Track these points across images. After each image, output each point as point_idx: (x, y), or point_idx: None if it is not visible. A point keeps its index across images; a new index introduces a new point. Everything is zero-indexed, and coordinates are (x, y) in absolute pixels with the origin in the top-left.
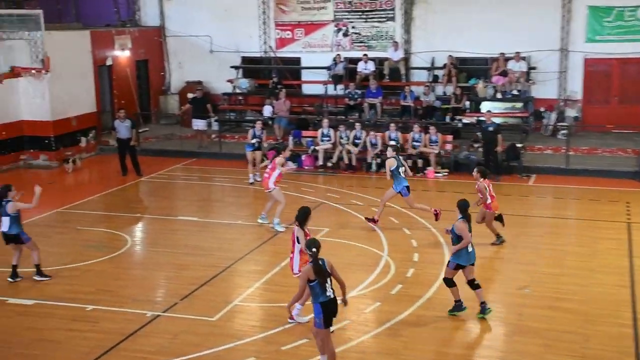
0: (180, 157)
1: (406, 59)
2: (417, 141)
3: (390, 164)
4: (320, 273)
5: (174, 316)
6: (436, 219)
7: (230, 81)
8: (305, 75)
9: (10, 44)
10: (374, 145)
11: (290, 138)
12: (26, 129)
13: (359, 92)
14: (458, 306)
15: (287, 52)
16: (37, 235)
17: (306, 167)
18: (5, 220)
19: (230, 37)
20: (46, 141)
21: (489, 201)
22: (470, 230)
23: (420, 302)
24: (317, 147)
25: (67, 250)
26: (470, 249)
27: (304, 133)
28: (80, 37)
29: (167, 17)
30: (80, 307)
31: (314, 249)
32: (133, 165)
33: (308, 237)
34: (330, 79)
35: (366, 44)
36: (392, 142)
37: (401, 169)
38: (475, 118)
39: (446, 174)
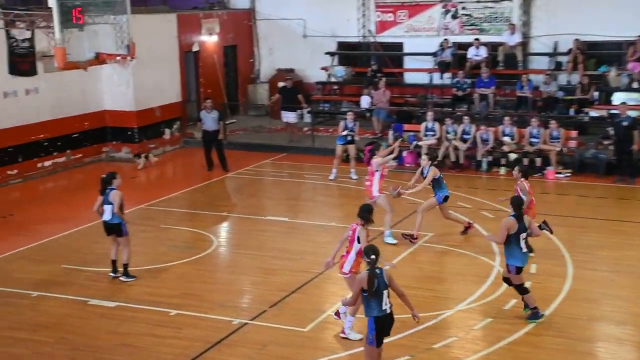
0: (269, 151)
1: (524, 44)
2: (535, 137)
3: (435, 172)
4: (375, 283)
5: (262, 325)
6: (464, 232)
7: (324, 69)
8: (408, 62)
9: (95, 29)
10: (485, 141)
11: (390, 132)
12: (109, 120)
13: (469, 81)
14: (535, 314)
15: (388, 37)
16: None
17: (407, 165)
18: (108, 209)
19: (326, 21)
20: (129, 133)
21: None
22: (524, 230)
23: (539, 320)
24: (419, 143)
25: (150, 249)
26: (524, 249)
27: (406, 127)
28: (166, 21)
29: None
30: (164, 311)
31: (372, 256)
32: (219, 160)
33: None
34: (436, 67)
35: (478, 27)
36: (424, 151)
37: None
38: (606, 111)
39: (569, 174)
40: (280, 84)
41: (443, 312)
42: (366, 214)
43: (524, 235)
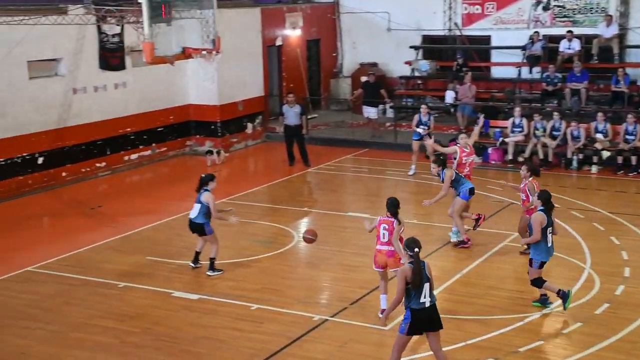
0: (350, 146)
1: (621, 36)
2: (630, 134)
3: (451, 174)
4: (419, 276)
5: (342, 322)
6: (474, 227)
7: (408, 63)
8: (496, 56)
9: (182, 24)
10: (575, 138)
11: (475, 128)
12: (193, 114)
13: (560, 75)
14: (543, 300)
15: (474, 30)
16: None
17: (493, 162)
18: (196, 208)
19: (411, 14)
20: (212, 127)
21: (532, 205)
22: (550, 224)
23: (633, 326)
24: (506, 139)
25: (232, 243)
26: (549, 244)
27: (492, 122)
28: (250, 15)
29: None
30: (245, 305)
31: (416, 249)
32: (301, 155)
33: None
34: (525, 61)
35: (571, 19)
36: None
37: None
38: None
39: None
40: (363, 79)
41: (529, 314)
42: (393, 208)
43: (550, 229)
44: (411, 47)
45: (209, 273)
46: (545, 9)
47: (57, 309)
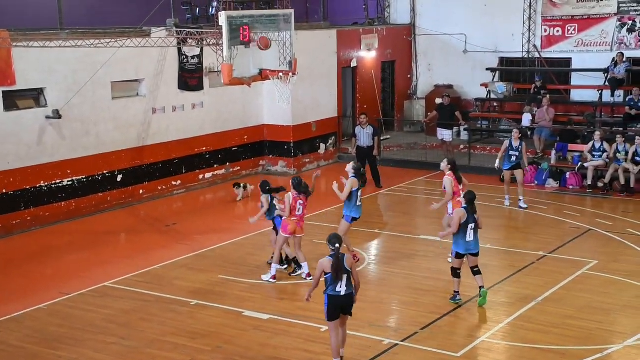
0: (423, 169)
1: None
2: None
3: (353, 184)
4: (339, 269)
5: (412, 347)
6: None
7: (484, 85)
8: (576, 79)
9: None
10: None
11: (553, 152)
12: (267, 134)
13: None
14: (454, 297)
15: (554, 52)
16: (264, 245)
17: (571, 187)
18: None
19: (489, 36)
20: (285, 147)
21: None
22: (472, 221)
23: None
24: (585, 164)
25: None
26: (469, 238)
27: (570, 147)
28: (326, 36)
29: (418, 14)
30: (315, 327)
31: (337, 245)
32: (372, 176)
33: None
34: (607, 84)
35: None
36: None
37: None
38: None
39: None
40: (438, 101)
41: (609, 346)
42: (302, 188)
43: (472, 226)
44: (488, 69)
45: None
46: (631, 31)
47: (132, 324)
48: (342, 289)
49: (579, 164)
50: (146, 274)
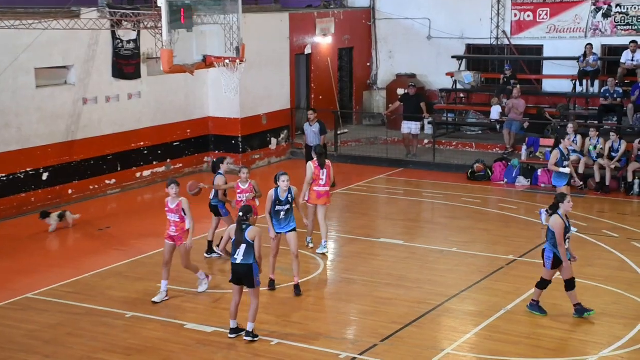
0: (384, 165)
1: None
2: None
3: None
4: (237, 237)
5: None
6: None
7: (450, 75)
8: (548, 68)
9: (203, 30)
10: (638, 159)
11: (524, 148)
12: (212, 128)
13: (621, 90)
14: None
15: (525, 39)
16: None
17: (542, 185)
18: (213, 192)
19: (455, 20)
20: (233, 142)
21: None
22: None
23: None
24: None
25: None
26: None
27: (542, 142)
28: (277, 21)
29: None
30: (265, 339)
31: (240, 214)
32: None
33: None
34: (583, 74)
35: (635, 27)
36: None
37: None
38: None
39: None
40: (400, 91)
41: (584, 357)
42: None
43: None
44: (454, 57)
45: (206, 255)
46: (606, 16)
47: (59, 341)
48: (238, 257)
49: None
50: (75, 283)
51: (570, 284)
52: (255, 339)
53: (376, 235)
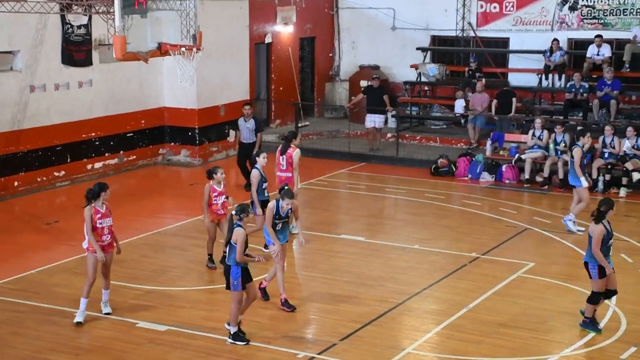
0: (346, 159)
1: None
2: None
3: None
4: (228, 235)
5: None
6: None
7: (414, 67)
8: (514, 61)
9: (159, 16)
10: (602, 155)
11: (488, 143)
12: (168, 118)
13: (586, 85)
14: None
15: (491, 31)
16: (174, 247)
17: (507, 181)
18: None
19: (419, 11)
20: (189, 133)
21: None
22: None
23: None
24: (523, 156)
25: (205, 268)
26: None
27: (507, 137)
28: (237, 8)
29: None
30: (220, 339)
31: (242, 215)
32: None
33: None
34: (549, 68)
35: (601, 21)
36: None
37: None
38: None
39: None
40: (363, 83)
41: (545, 357)
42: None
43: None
44: (418, 48)
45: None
46: (572, 9)
47: (2, 340)
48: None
49: (516, 155)
50: (21, 280)
51: (607, 295)
52: (237, 343)
53: (337, 232)
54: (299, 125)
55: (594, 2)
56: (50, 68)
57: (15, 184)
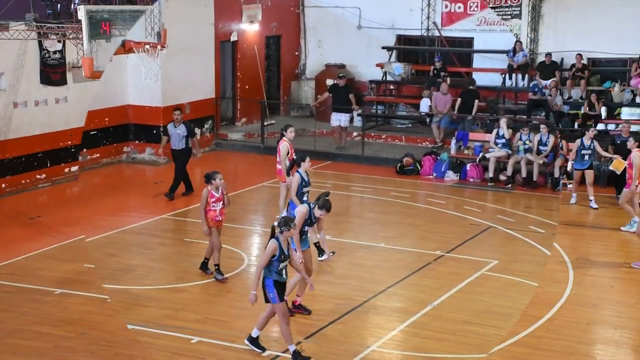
0: (312, 158)
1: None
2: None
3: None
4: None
5: None
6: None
7: (380, 66)
8: (478, 61)
9: (122, 41)
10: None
11: (453, 141)
12: (132, 116)
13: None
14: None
15: (455, 31)
16: (139, 245)
17: (471, 180)
18: None
19: (385, 10)
20: (154, 132)
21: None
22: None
23: (540, 323)
24: (487, 155)
25: (170, 266)
26: None
27: (472, 136)
28: (202, 6)
29: None
30: (185, 338)
31: (283, 228)
32: (173, 180)
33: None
34: (512, 68)
35: None
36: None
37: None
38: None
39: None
40: (329, 82)
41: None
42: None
43: None
44: (384, 47)
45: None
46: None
47: None
48: None
49: (480, 154)
50: (8, 265)
51: None
52: (257, 350)
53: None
54: (265, 123)
55: None
56: (31, 87)
57: (3, 186)
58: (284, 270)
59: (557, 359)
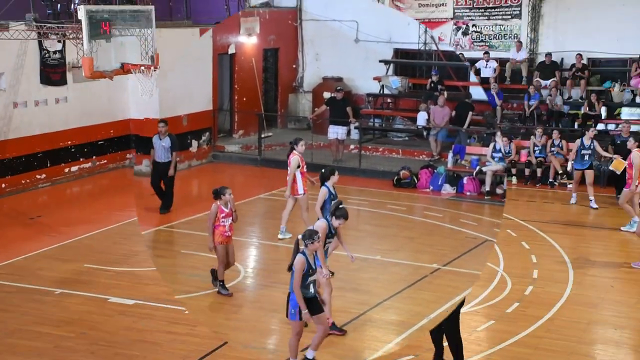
0: (309, 170)
1: (531, 60)
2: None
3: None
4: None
5: None
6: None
7: (377, 79)
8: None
9: (122, 41)
10: (507, 154)
11: (450, 155)
12: (133, 128)
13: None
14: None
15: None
16: (135, 257)
17: (468, 193)
18: None
19: (382, 24)
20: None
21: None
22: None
23: (539, 323)
24: (484, 168)
25: (168, 278)
26: None
27: (468, 149)
28: (189, 35)
29: None
30: (178, 309)
31: (307, 242)
32: (164, 198)
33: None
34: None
35: (488, 44)
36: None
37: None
38: (614, 125)
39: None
40: (326, 95)
41: None
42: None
43: None
44: (381, 61)
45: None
46: (465, 34)
47: None
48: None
49: (477, 168)
50: (8, 265)
51: None
52: None
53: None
54: (262, 136)
55: (481, 28)
56: (31, 87)
57: (3, 185)
58: (311, 285)
59: (557, 359)
